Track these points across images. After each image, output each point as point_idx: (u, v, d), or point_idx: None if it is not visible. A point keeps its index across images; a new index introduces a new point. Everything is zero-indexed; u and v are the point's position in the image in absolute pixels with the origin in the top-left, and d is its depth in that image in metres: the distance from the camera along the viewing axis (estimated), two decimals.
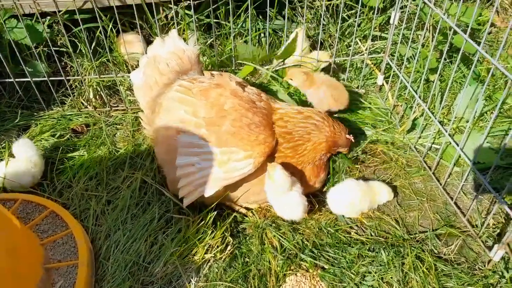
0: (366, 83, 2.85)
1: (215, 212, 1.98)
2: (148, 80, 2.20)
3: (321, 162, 2.11)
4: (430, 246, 1.91)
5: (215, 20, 2.82)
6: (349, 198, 2.00)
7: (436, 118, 2.20)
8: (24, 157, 2.16)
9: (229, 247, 1.88)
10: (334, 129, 2.06)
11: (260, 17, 2.98)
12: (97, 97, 2.76)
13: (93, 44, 2.82)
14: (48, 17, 2.72)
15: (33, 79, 2.56)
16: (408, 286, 1.77)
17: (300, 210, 1.92)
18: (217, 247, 1.86)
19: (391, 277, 1.79)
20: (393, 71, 2.60)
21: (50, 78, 2.60)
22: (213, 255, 1.83)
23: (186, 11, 2.82)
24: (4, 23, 2.46)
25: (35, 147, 2.23)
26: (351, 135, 2.11)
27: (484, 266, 1.84)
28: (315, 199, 2.14)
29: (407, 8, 2.52)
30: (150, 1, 2.50)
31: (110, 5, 2.43)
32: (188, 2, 2.49)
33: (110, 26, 2.74)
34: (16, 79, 2.56)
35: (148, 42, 2.99)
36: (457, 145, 2.07)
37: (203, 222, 1.94)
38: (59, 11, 2.40)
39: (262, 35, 2.94)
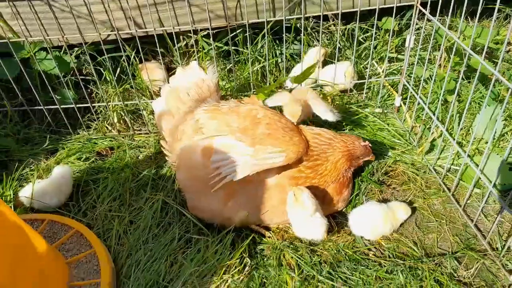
0: (384, 104, 2.87)
1: (234, 234, 2.02)
2: (170, 108, 2.30)
3: (345, 178, 2.13)
4: (449, 269, 1.89)
5: (233, 47, 2.92)
6: (372, 222, 2.02)
7: (454, 140, 2.19)
8: (58, 180, 2.28)
9: (247, 268, 1.90)
10: (345, 143, 2.10)
11: (277, 41, 3.06)
12: (121, 121, 2.87)
13: (117, 72, 2.95)
14: (75, 49, 2.88)
15: (61, 106, 2.69)
16: None
17: (322, 231, 1.95)
18: (235, 267, 1.89)
19: None
20: (410, 93, 2.62)
21: (77, 105, 2.73)
22: (231, 275, 1.86)
23: (205, 39, 2.93)
24: (34, 55, 2.61)
25: (71, 173, 2.36)
26: (366, 141, 2.14)
27: None
28: (334, 220, 2.15)
29: (423, 30, 2.55)
30: (171, 31, 2.62)
31: (133, 36, 2.56)
32: (207, 31, 2.59)
33: (133, 55, 2.87)
34: (46, 107, 2.70)
35: (169, 69, 3.12)
36: (477, 165, 2.06)
37: (221, 243, 1.98)
38: (86, 43, 2.54)
39: (279, 60, 3.02)
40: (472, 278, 1.85)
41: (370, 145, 2.15)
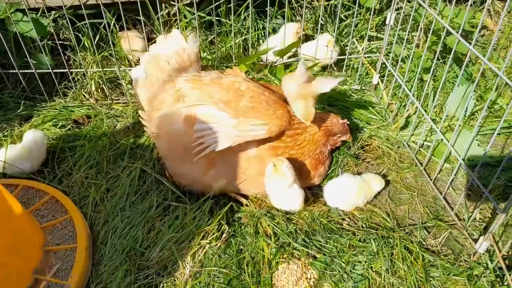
0: (362, 81, 2.92)
1: (212, 201, 2.05)
2: (150, 77, 2.26)
3: (322, 155, 2.16)
4: (418, 238, 1.97)
5: (216, 18, 2.89)
6: (346, 194, 2.07)
7: (428, 116, 2.27)
8: (29, 145, 2.22)
9: (224, 235, 1.93)
10: (324, 118, 2.14)
11: (261, 15, 3.05)
12: (99, 90, 2.83)
13: (97, 39, 2.88)
14: (53, 12, 2.79)
15: (37, 70, 2.62)
16: (396, 275, 1.83)
17: (299, 201, 2.00)
18: (213, 234, 1.92)
19: (380, 266, 1.84)
20: (388, 71, 2.67)
21: (54, 70, 2.66)
22: (209, 241, 1.89)
23: (188, 8, 2.89)
24: (10, 16, 2.52)
25: (44, 137, 2.31)
26: (345, 120, 2.18)
27: (470, 258, 1.90)
28: (310, 191, 2.20)
29: (403, 10, 2.59)
30: None
31: (115, 1, 2.49)
32: None
33: (113, 21, 2.81)
34: (21, 70, 2.63)
35: (149, 39, 3.07)
36: (448, 141, 2.14)
37: (200, 210, 2.00)
38: (65, 6, 2.46)
39: (262, 33, 3.01)
40: (440, 246, 1.95)
41: (348, 123, 2.20)
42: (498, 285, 1.76)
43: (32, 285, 1.69)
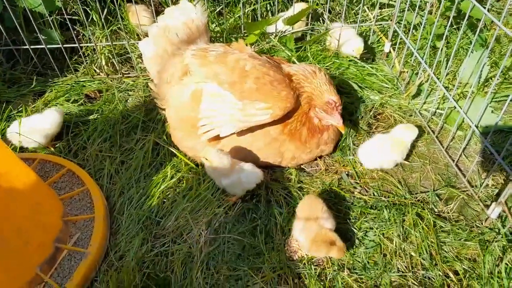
0: (373, 50, 2.87)
1: None
2: (159, 50, 2.24)
3: (311, 122, 2.09)
4: (430, 205, 1.98)
5: None
6: (380, 153, 2.10)
7: (441, 83, 2.24)
8: (46, 119, 2.26)
9: (237, 204, 1.97)
10: (315, 86, 2.02)
11: None
12: (109, 64, 2.83)
13: (105, 12, 2.86)
14: None
15: (48, 46, 2.63)
16: (408, 241, 1.85)
17: (255, 179, 1.96)
18: (226, 203, 1.95)
19: (392, 233, 1.86)
20: (400, 38, 2.62)
21: (64, 45, 2.67)
22: (223, 210, 1.93)
23: None
24: None
25: (62, 113, 2.34)
26: (337, 102, 2.00)
27: (482, 224, 1.91)
28: (322, 160, 2.21)
29: None
30: None
31: None
32: None
33: None
34: (31, 46, 2.64)
35: (157, 12, 3.03)
36: (461, 108, 2.11)
37: (212, 180, 2.03)
38: None
39: (271, 3, 2.96)
40: (452, 212, 1.95)
41: (337, 104, 2.00)
42: (510, 249, 1.77)
43: (53, 253, 1.75)
